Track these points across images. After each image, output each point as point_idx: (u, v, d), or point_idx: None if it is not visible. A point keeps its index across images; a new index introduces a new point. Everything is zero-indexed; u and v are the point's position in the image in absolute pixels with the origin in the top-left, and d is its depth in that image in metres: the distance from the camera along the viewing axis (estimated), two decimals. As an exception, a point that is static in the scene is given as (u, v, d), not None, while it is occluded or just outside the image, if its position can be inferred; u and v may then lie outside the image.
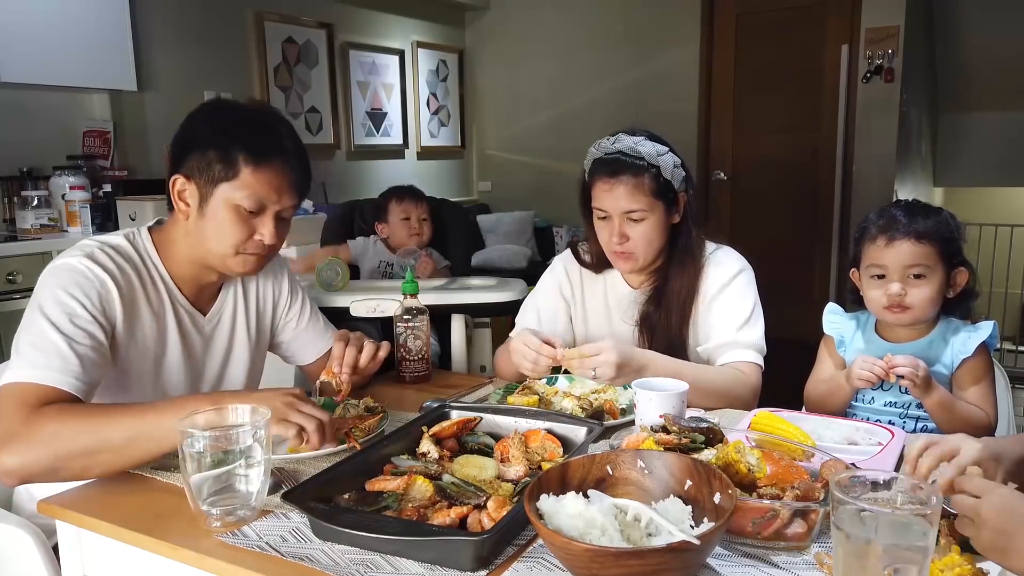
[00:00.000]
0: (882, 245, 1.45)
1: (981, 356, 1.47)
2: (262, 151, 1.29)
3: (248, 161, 1.28)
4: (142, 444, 1.15)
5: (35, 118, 3.44)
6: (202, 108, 1.37)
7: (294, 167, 1.34)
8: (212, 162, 1.29)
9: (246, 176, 1.29)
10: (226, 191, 1.29)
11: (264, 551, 0.95)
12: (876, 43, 4.32)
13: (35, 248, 2.95)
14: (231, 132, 1.30)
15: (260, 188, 1.30)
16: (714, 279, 1.63)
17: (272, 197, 1.31)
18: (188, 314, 1.41)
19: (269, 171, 1.30)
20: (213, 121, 1.33)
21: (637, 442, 1.11)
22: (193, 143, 1.31)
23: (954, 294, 1.47)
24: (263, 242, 1.34)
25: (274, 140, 1.32)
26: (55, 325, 1.21)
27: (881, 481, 0.83)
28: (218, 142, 1.29)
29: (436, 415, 1.26)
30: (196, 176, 1.30)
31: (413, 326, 1.69)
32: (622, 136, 1.61)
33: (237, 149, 1.28)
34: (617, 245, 1.60)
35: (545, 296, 1.79)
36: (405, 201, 2.76)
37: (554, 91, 5.60)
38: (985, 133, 4.84)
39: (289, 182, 1.33)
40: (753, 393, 1.56)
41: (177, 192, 1.33)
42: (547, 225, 5.50)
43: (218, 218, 1.31)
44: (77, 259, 1.28)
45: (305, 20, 4.66)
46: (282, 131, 1.35)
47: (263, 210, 1.32)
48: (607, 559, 0.80)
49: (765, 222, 4.87)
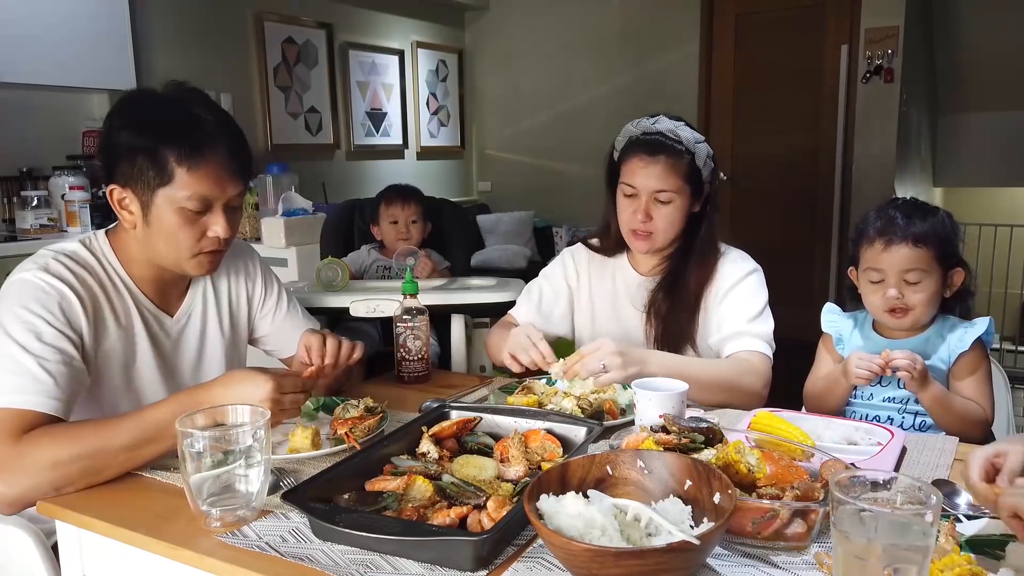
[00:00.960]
0: (879, 249, 1.46)
1: (977, 351, 1.47)
2: (193, 148, 1.21)
3: (181, 161, 1.21)
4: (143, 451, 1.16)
5: (35, 118, 3.44)
6: (119, 107, 1.27)
7: (231, 154, 1.25)
8: (143, 168, 1.22)
9: (182, 177, 1.22)
10: (166, 195, 1.23)
11: (264, 551, 0.95)
12: (876, 43, 4.33)
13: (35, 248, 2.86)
14: (155, 132, 1.21)
15: (200, 186, 1.23)
16: (728, 275, 1.65)
17: (215, 192, 1.25)
18: (154, 317, 1.37)
19: (205, 166, 1.22)
20: (133, 122, 1.24)
21: (637, 442, 1.11)
22: (119, 149, 1.23)
23: (951, 294, 1.48)
24: (217, 237, 1.28)
25: (202, 132, 1.23)
26: (22, 346, 1.17)
27: (881, 481, 0.83)
28: (144, 146, 1.21)
29: (436, 415, 1.26)
30: (131, 183, 1.24)
31: (413, 326, 1.69)
32: (662, 118, 1.65)
33: (166, 151, 1.21)
34: (640, 224, 1.61)
35: (549, 280, 1.82)
36: (393, 203, 2.73)
37: (554, 91, 5.60)
38: (985, 133, 4.84)
39: (230, 171, 1.26)
40: (763, 383, 1.54)
41: (117, 201, 1.27)
42: (547, 225, 5.50)
43: (164, 224, 1.25)
44: (32, 273, 1.24)
45: (305, 20, 4.66)
46: (208, 117, 1.25)
47: (209, 207, 1.26)
48: (607, 559, 0.80)
49: (765, 222, 4.87)
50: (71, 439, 1.12)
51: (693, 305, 1.65)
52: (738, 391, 1.49)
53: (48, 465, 1.10)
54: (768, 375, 1.56)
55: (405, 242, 2.70)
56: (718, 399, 1.47)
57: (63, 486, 1.11)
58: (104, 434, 1.14)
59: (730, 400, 1.48)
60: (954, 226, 1.48)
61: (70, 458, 1.10)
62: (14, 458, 1.10)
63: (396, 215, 2.71)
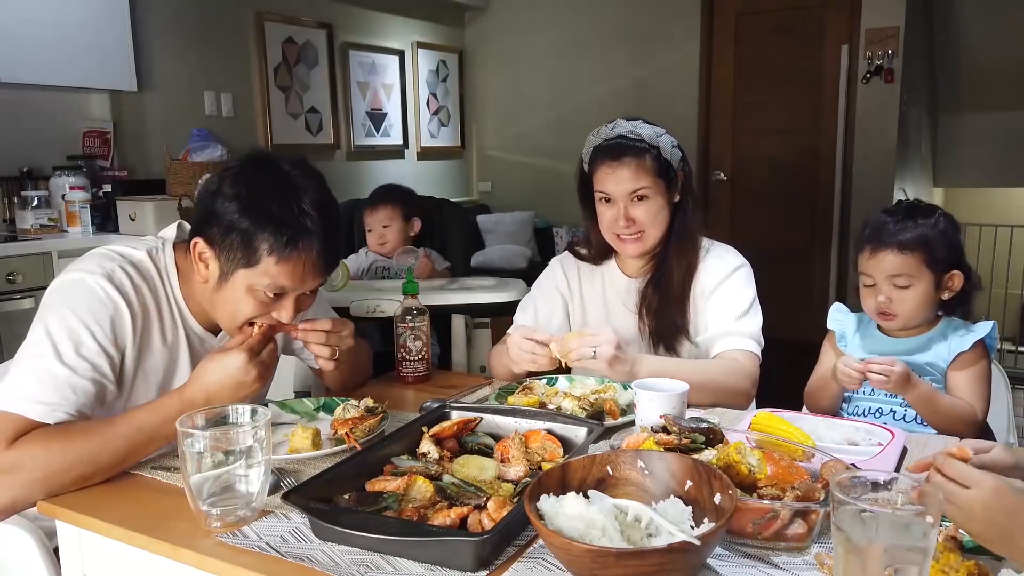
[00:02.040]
0: (867, 256, 1.50)
1: (976, 351, 1.48)
2: (288, 243, 1.19)
3: (272, 251, 1.19)
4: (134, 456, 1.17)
5: (35, 118, 3.43)
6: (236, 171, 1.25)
7: (321, 247, 1.23)
8: (234, 244, 1.20)
9: (268, 267, 1.20)
10: (246, 275, 1.22)
11: (264, 551, 0.95)
12: (876, 43, 4.32)
13: (35, 248, 2.94)
14: (257, 217, 1.19)
15: (283, 278, 1.22)
16: (714, 271, 1.65)
17: (295, 284, 1.24)
18: (199, 337, 1.35)
19: (294, 262, 1.21)
20: (240, 198, 1.20)
21: (637, 442, 1.11)
22: (218, 215, 1.21)
23: (949, 296, 1.48)
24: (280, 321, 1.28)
25: (303, 229, 1.20)
26: (59, 354, 1.16)
27: (881, 481, 0.83)
28: (242, 226, 1.19)
29: (436, 415, 1.26)
30: (217, 248, 1.22)
31: (413, 326, 1.69)
32: (620, 122, 1.65)
33: (260, 238, 1.19)
34: (624, 228, 1.61)
35: (542, 291, 1.81)
36: (366, 212, 2.69)
37: (554, 91, 5.60)
38: (985, 133, 4.84)
39: (315, 267, 1.24)
40: (751, 382, 1.55)
41: (197, 254, 1.25)
42: (547, 225, 5.50)
43: (234, 298, 1.24)
44: (94, 278, 1.21)
45: (305, 20, 4.66)
46: (313, 214, 1.21)
47: (284, 294, 1.25)
48: (607, 559, 0.80)
49: (765, 222, 4.87)
50: (63, 447, 1.11)
51: (680, 296, 1.64)
52: (725, 392, 1.50)
53: (40, 476, 1.10)
54: (756, 373, 1.57)
55: (383, 247, 2.69)
56: (706, 400, 1.47)
57: (55, 492, 1.11)
58: (96, 440, 1.14)
59: (718, 400, 1.49)
60: (953, 229, 1.48)
61: (62, 467, 1.11)
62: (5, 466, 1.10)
63: (369, 223, 2.70)
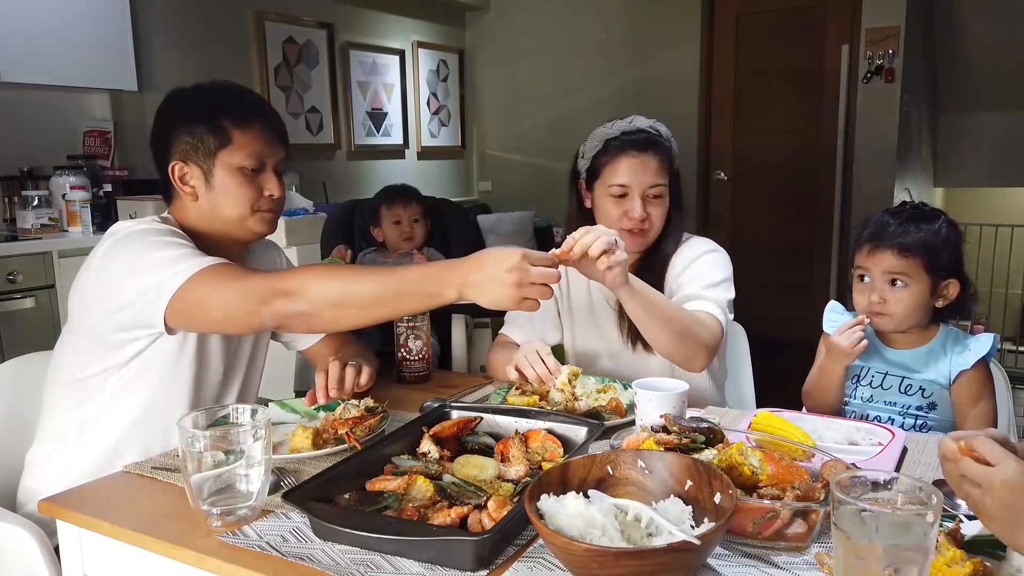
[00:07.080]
0: (866, 252, 1.48)
1: (979, 370, 1.47)
2: (245, 113, 1.39)
3: (235, 123, 1.37)
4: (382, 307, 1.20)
5: (35, 118, 3.43)
6: (170, 98, 1.44)
7: (274, 122, 1.43)
8: (203, 136, 1.36)
9: (239, 138, 1.37)
10: (226, 158, 1.37)
11: (264, 551, 0.95)
12: (876, 43, 4.32)
13: (35, 248, 2.94)
14: (210, 105, 1.39)
15: (255, 144, 1.38)
16: (685, 256, 1.67)
17: (267, 151, 1.40)
18: None
19: (256, 128, 1.39)
20: (189, 102, 1.41)
21: (637, 442, 1.11)
22: (177, 128, 1.38)
23: (943, 304, 1.47)
24: (272, 196, 1.41)
25: (248, 100, 1.43)
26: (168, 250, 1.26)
27: (881, 481, 0.83)
28: (203, 116, 1.37)
29: (436, 415, 1.26)
30: (192, 156, 1.37)
31: (413, 326, 1.69)
32: (638, 117, 1.67)
33: (222, 117, 1.37)
34: (638, 222, 1.62)
35: None
36: (395, 204, 2.71)
37: (554, 91, 5.59)
38: (985, 133, 4.84)
39: (276, 136, 1.43)
40: (714, 339, 1.53)
41: (179, 178, 1.39)
42: (547, 225, 5.49)
43: (227, 184, 1.38)
44: (146, 223, 1.35)
45: (305, 20, 4.66)
46: (250, 94, 1.46)
47: (263, 167, 1.40)
48: (607, 559, 0.80)
49: (765, 222, 4.87)
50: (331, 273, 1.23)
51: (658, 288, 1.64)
52: (690, 338, 1.49)
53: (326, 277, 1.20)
54: (719, 337, 1.55)
55: (409, 242, 2.70)
56: (670, 340, 1.47)
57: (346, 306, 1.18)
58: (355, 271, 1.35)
59: (680, 346, 1.48)
60: (955, 236, 1.47)
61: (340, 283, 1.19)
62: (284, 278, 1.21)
63: (399, 215, 2.70)
